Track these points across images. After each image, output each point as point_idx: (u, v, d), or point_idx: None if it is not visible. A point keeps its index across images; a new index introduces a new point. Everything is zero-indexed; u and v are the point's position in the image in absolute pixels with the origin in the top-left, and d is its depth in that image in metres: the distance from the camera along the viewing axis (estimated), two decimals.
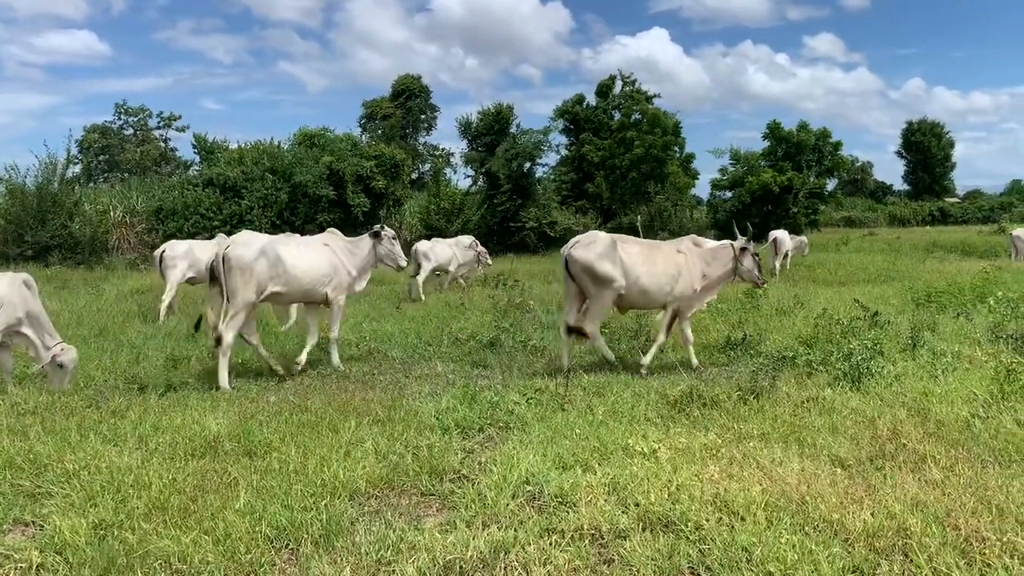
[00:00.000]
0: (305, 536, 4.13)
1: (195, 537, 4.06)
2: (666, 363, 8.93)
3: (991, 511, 4.15)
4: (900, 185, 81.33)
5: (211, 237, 17.24)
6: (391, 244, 9.72)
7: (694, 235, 10.20)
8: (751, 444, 5.58)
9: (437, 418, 6.38)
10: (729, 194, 44.30)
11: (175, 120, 59.96)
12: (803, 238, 24.05)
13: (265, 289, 8.61)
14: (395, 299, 15.88)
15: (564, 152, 44.40)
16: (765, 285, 10.25)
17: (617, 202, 41.24)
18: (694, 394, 6.79)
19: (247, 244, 8.64)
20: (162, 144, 59.52)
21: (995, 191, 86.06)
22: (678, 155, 43.89)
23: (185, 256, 13.50)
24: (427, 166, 54.89)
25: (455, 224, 31.47)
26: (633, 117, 43.08)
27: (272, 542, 4.12)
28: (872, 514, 4.19)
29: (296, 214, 28.25)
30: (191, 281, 13.79)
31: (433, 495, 4.88)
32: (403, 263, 10.05)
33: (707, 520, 4.23)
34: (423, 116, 56.78)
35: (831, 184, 46.70)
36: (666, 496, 4.56)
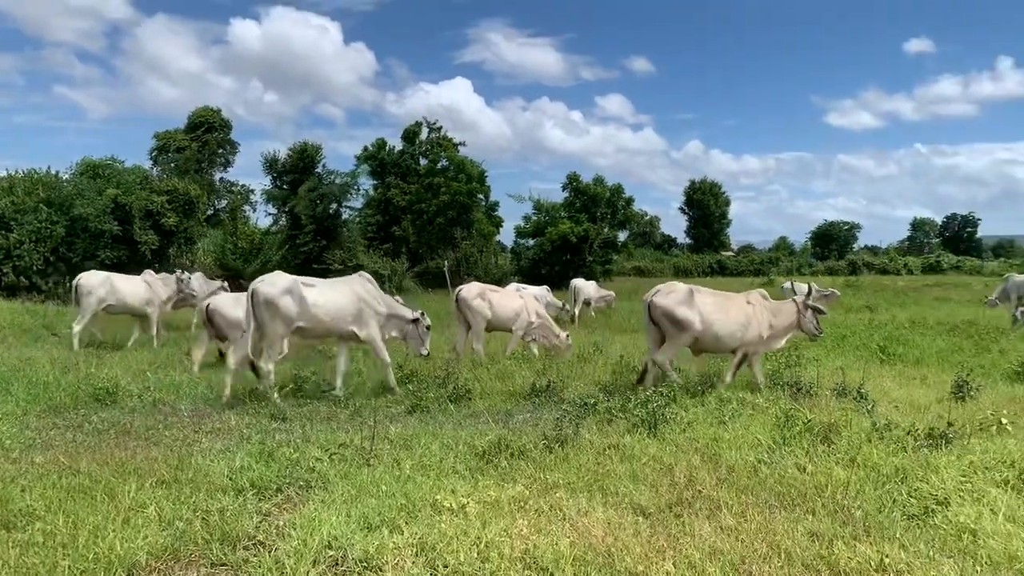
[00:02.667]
0: None
1: None
2: (474, 411, 8.89)
3: (780, 556, 4.40)
4: (683, 239, 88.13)
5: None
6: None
7: (762, 289, 11.07)
8: (558, 495, 5.61)
9: (230, 478, 5.89)
10: (532, 242, 45.82)
11: None
12: (611, 293, 24.99)
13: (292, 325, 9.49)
14: (184, 345, 14.83)
15: (370, 194, 44.15)
16: (821, 336, 10.93)
17: (424, 246, 41.45)
18: (502, 444, 6.76)
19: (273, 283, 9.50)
20: None
21: (765, 247, 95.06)
22: (483, 202, 44.92)
23: (102, 285, 14.67)
24: (224, 203, 52.42)
25: (253, 265, 30.20)
26: (440, 163, 43.68)
27: None
28: (674, 564, 4.31)
29: (74, 250, 25.95)
30: (108, 310, 14.92)
31: (225, 565, 4.46)
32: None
33: None
34: (221, 151, 54.34)
35: (623, 236, 49.56)
36: (475, 555, 4.45)
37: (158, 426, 7.98)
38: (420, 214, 41.68)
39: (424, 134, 46.21)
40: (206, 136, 51.48)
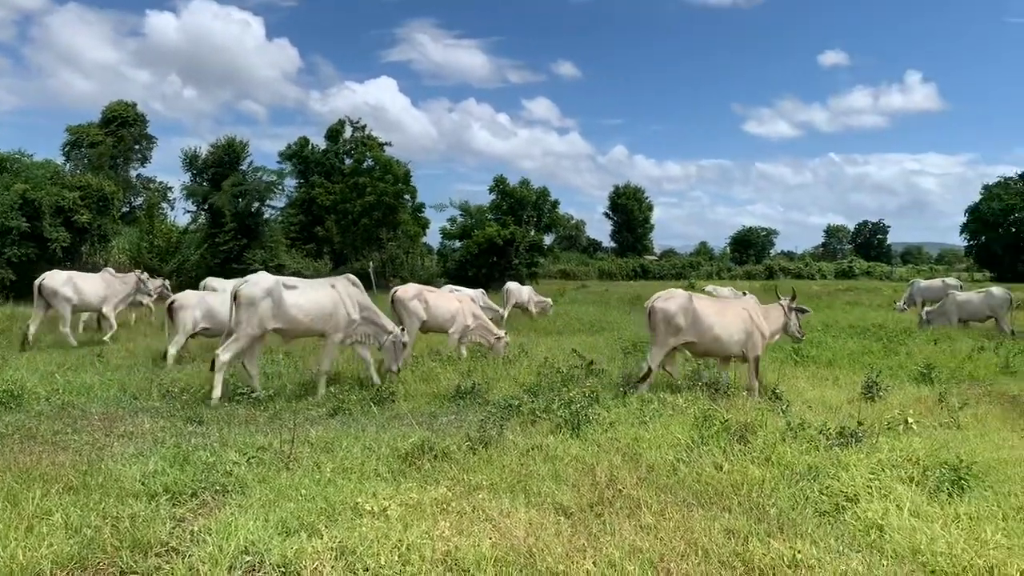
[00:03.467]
0: None
1: None
2: (398, 413, 8.81)
3: (697, 553, 4.48)
4: (608, 242, 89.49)
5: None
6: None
7: (752, 295, 11.75)
8: (480, 496, 5.59)
9: (143, 483, 5.67)
10: (459, 244, 45.70)
11: None
12: (548, 300, 24.84)
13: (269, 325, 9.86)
14: (95, 346, 14.28)
15: (293, 194, 43.36)
16: (803, 338, 11.47)
17: (348, 247, 40.93)
18: (425, 446, 6.72)
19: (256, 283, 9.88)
20: None
21: (686, 251, 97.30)
22: (410, 203, 44.61)
23: (66, 284, 15.18)
24: (140, 200, 50.71)
25: (170, 264, 29.30)
26: (365, 163, 43.21)
27: None
28: (595, 563, 4.34)
29: None
30: (73, 309, 15.36)
31: (136, 573, 4.29)
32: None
33: None
34: (137, 146, 52.56)
35: (549, 239, 49.87)
36: (396, 558, 4.40)
37: (66, 430, 7.67)
38: (344, 214, 41.13)
39: (348, 133, 45.67)
40: (121, 131, 49.74)
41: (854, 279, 69.57)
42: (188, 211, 36.75)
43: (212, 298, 13.14)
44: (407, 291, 13.33)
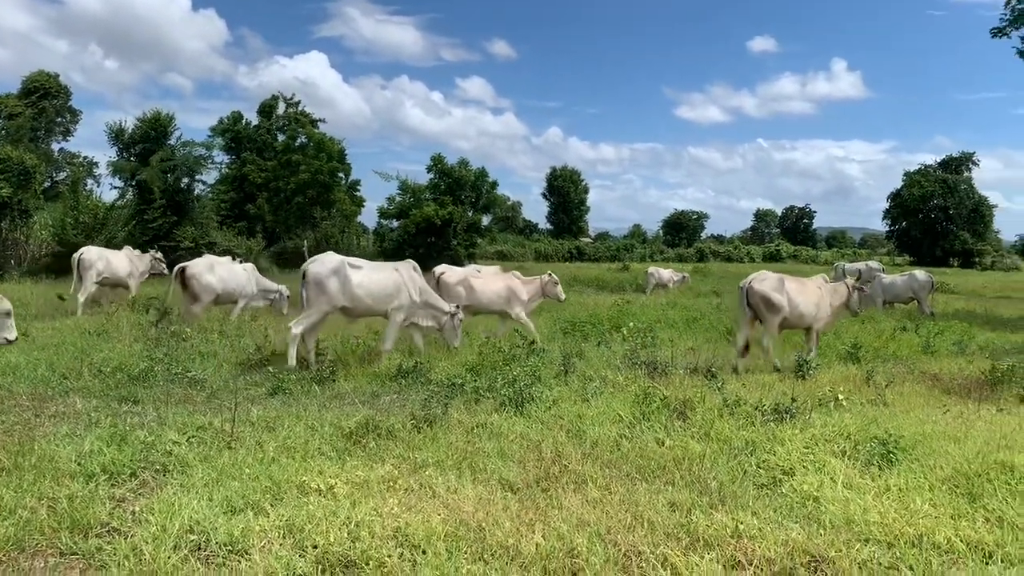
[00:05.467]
0: None
1: None
2: (339, 393, 8.73)
3: (643, 525, 4.58)
4: (544, 224, 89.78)
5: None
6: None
7: (824, 274, 13.04)
8: (427, 473, 5.61)
9: (78, 463, 5.51)
10: (396, 223, 45.27)
11: None
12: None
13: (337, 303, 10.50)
14: (21, 325, 13.74)
15: (225, 170, 42.28)
16: (860, 313, 13.29)
17: (281, 225, 40.19)
18: (369, 425, 6.69)
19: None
20: None
21: (620, 233, 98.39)
22: (344, 182, 43.97)
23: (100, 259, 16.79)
24: (64, 174, 48.77)
25: (96, 241, 28.25)
26: (298, 140, 42.38)
27: None
28: (544, 536, 4.40)
29: None
30: (103, 282, 16.92)
31: (76, 555, 4.19)
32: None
33: (389, 556, 4.14)
34: (60, 119, 50.54)
35: (487, 220, 49.77)
36: (345, 535, 4.38)
37: None
38: (277, 192, 40.33)
39: (281, 109, 44.69)
40: (42, 103, 47.75)
41: (781, 262, 71.45)
42: (115, 187, 35.50)
43: (222, 267, 14.69)
44: (452, 275, 13.60)
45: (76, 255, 16.83)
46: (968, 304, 24.99)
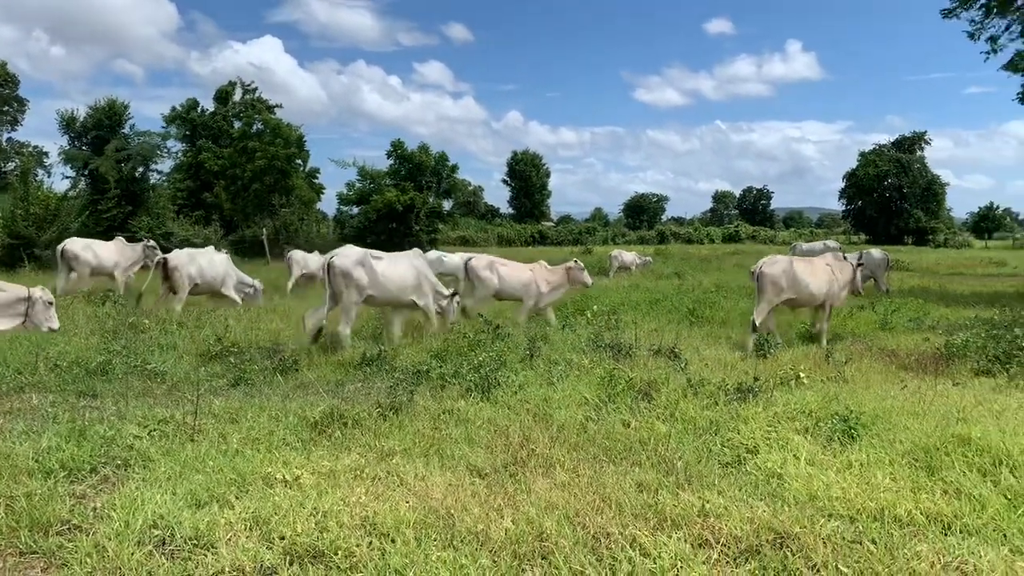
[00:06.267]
0: None
1: None
2: (303, 382, 8.64)
3: (611, 507, 4.61)
4: (506, 209, 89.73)
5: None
6: None
7: (831, 253, 13.75)
8: (394, 461, 5.58)
9: (36, 460, 5.38)
10: (356, 210, 44.86)
11: None
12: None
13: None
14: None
15: (180, 158, 41.49)
16: (861, 293, 13.80)
17: (239, 213, 39.56)
18: (335, 414, 6.63)
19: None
20: None
21: (582, 217, 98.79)
22: (303, 168, 43.42)
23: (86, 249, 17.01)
24: (12, 165, 47.46)
25: (48, 232, 27.56)
26: (255, 127, 41.72)
27: None
28: (513, 521, 4.41)
29: None
30: (92, 272, 16.97)
31: (36, 553, 4.09)
32: None
33: (358, 546, 4.11)
34: (7, 108, 49.14)
35: (448, 205, 49.58)
36: (313, 525, 4.35)
37: None
38: (234, 179, 39.69)
39: (238, 95, 43.92)
40: None
41: (740, 243, 72.33)
42: (67, 177, 34.64)
43: (202, 257, 14.74)
44: (480, 261, 13.63)
45: (59, 247, 17.04)
46: (923, 281, 25.51)
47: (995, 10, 20.74)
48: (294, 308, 14.84)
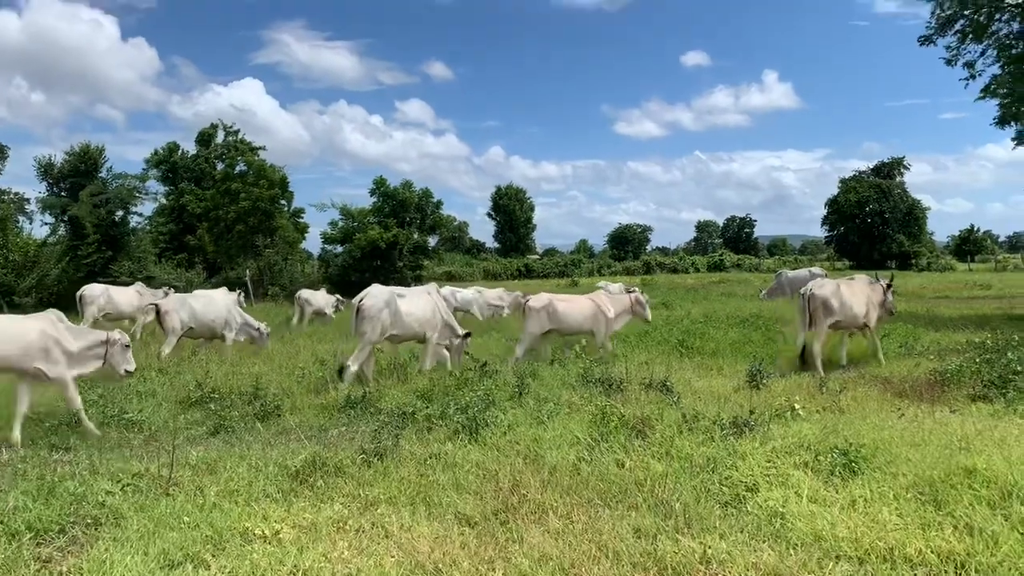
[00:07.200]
0: None
1: None
2: (285, 428, 8.37)
3: (608, 556, 4.38)
4: (491, 243, 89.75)
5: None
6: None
7: (867, 277, 14.04)
8: (379, 511, 5.34)
9: (1, 522, 5.11)
10: (340, 248, 44.64)
11: None
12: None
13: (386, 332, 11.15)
14: None
15: (162, 201, 41.25)
16: (895, 314, 14.17)
17: (223, 255, 39.24)
18: (317, 462, 6.37)
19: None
20: None
21: (567, 249, 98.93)
22: (287, 209, 43.24)
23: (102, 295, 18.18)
24: None
25: (28, 279, 27.22)
26: (238, 168, 41.55)
27: None
28: (504, 574, 4.17)
29: None
30: (106, 318, 17.84)
31: None
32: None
33: None
34: None
35: (433, 241, 49.37)
36: None
37: None
38: (217, 221, 39.40)
39: (220, 137, 43.82)
40: None
41: (725, 271, 72.37)
42: (46, 223, 34.29)
43: (196, 300, 14.77)
44: (538, 301, 13.60)
45: (78, 292, 18.07)
46: (910, 305, 25.44)
47: (970, 36, 20.94)
48: (277, 351, 14.61)
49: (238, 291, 20.13)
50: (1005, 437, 6.78)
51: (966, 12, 20.80)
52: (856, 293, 12.67)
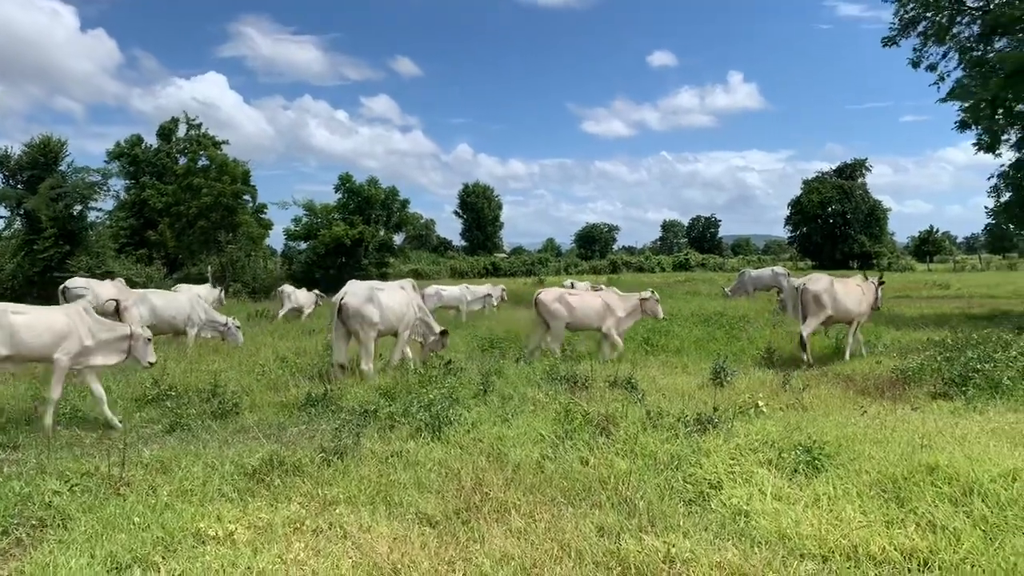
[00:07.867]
0: None
1: None
2: (243, 426, 8.18)
3: (571, 556, 4.29)
4: (459, 241, 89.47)
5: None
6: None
7: (860, 274, 14.88)
8: (337, 511, 5.21)
9: None
10: (304, 245, 44.18)
11: None
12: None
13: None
14: None
15: (123, 196, 40.44)
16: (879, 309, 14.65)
17: (184, 251, 38.60)
18: (274, 460, 6.21)
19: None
20: None
21: (534, 248, 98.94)
22: (250, 204, 42.65)
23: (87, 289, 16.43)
24: None
25: None
26: (200, 163, 40.89)
27: None
28: (464, 575, 4.07)
29: None
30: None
31: None
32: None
33: None
34: None
35: (399, 238, 49.07)
36: None
37: None
38: (179, 216, 38.72)
39: (182, 131, 43.08)
40: None
41: (690, 271, 72.94)
42: (1, 217, 33.42)
43: (157, 296, 14.64)
44: (548, 295, 13.53)
45: (61, 287, 16.83)
46: None
47: (932, 39, 21.24)
48: (235, 349, 14.36)
49: (219, 288, 19.80)
50: (966, 434, 6.83)
51: (928, 14, 21.09)
52: (849, 290, 13.17)
